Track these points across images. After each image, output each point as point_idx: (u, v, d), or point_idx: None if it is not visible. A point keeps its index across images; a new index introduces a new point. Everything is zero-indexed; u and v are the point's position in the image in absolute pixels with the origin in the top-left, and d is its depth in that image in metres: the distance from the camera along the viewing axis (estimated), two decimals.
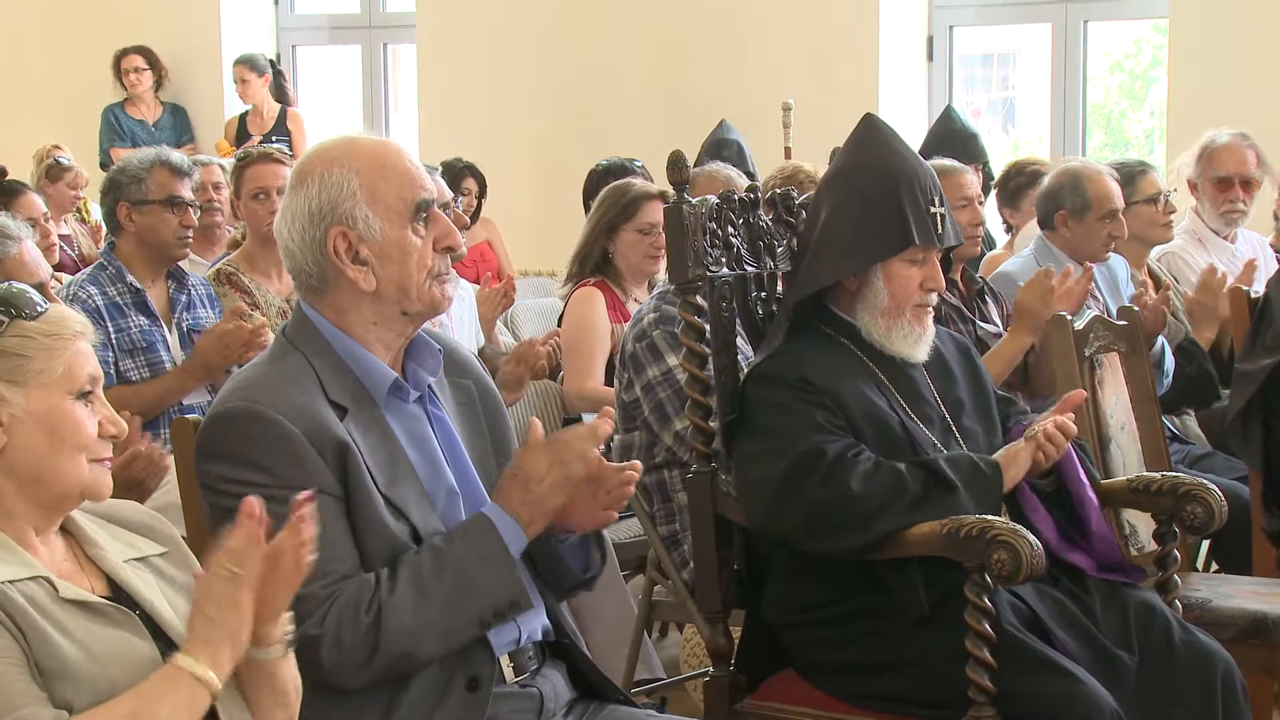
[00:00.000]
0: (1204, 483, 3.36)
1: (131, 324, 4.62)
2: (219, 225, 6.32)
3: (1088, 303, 4.86)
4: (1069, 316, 4.15)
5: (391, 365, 2.71)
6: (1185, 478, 3.42)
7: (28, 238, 4.31)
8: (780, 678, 3.34)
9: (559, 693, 2.78)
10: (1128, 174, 5.40)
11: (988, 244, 6.11)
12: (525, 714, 2.72)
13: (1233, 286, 4.83)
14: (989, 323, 4.85)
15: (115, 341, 4.55)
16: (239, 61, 9.72)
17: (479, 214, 7.84)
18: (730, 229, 3.38)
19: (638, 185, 5.38)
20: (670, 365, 4.24)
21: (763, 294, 3.52)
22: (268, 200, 5.06)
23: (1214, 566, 4.91)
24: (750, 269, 3.45)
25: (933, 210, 3.30)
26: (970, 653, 2.99)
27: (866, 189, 3.30)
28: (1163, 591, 3.41)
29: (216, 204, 6.22)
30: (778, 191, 3.54)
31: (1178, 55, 7.78)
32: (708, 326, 3.38)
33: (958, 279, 4.81)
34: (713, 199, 3.38)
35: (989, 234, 6.03)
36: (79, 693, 2.14)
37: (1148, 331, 4.65)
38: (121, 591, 2.31)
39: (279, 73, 9.93)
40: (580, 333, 5.12)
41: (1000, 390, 3.62)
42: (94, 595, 2.27)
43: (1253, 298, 4.61)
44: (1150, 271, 5.51)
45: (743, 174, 5.44)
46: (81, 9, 10.26)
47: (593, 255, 5.25)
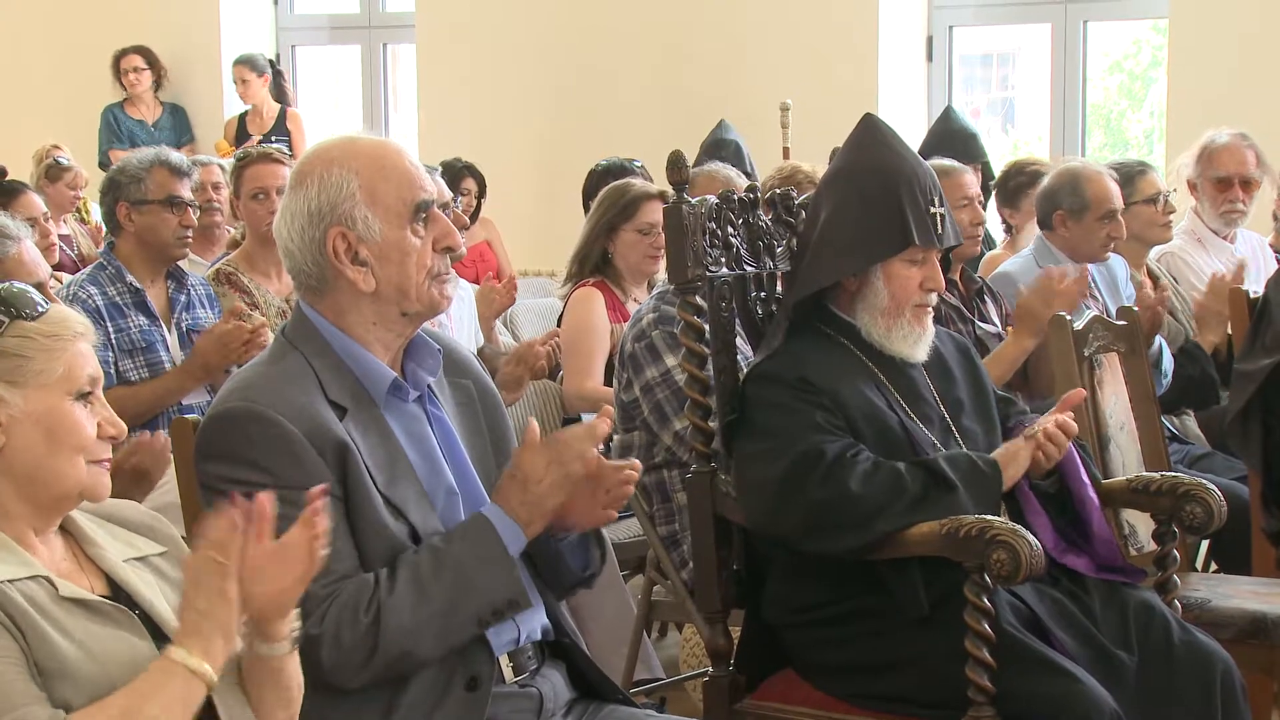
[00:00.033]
0: (1203, 483, 3.36)
1: (131, 324, 4.61)
2: (218, 225, 6.33)
3: (1087, 303, 4.86)
4: (1067, 316, 4.15)
5: (391, 365, 2.71)
6: (1184, 478, 3.42)
7: (27, 237, 4.31)
8: (780, 678, 3.34)
9: (558, 692, 2.78)
10: (1127, 174, 5.40)
11: (986, 244, 6.11)
12: (524, 714, 2.72)
13: (1232, 287, 4.84)
14: (988, 323, 4.85)
15: (115, 342, 4.55)
16: (239, 61, 9.72)
17: (478, 214, 7.84)
18: (730, 229, 3.38)
19: (637, 185, 5.37)
20: (669, 365, 4.24)
21: (762, 294, 3.52)
22: (267, 200, 5.06)
23: (1213, 566, 4.91)
24: (750, 269, 3.45)
25: (932, 210, 3.30)
26: (970, 653, 2.99)
27: (866, 189, 3.30)
28: (1162, 591, 3.41)
29: (216, 204, 6.22)
30: (777, 192, 3.54)
31: (1177, 55, 7.78)
32: (707, 326, 3.38)
33: (957, 279, 4.82)
34: (712, 199, 3.38)
35: (988, 234, 6.03)
36: (78, 692, 2.14)
37: (1145, 332, 4.65)
38: (121, 591, 2.31)
39: (278, 73, 9.93)
40: (580, 333, 5.12)
41: (1000, 390, 3.62)
42: (93, 594, 2.27)
43: (1252, 298, 4.61)
44: (1149, 272, 5.51)
45: (741, 174, 5.43)
46: (81, 9, 10.26)
47: (592, 255, 5.25)
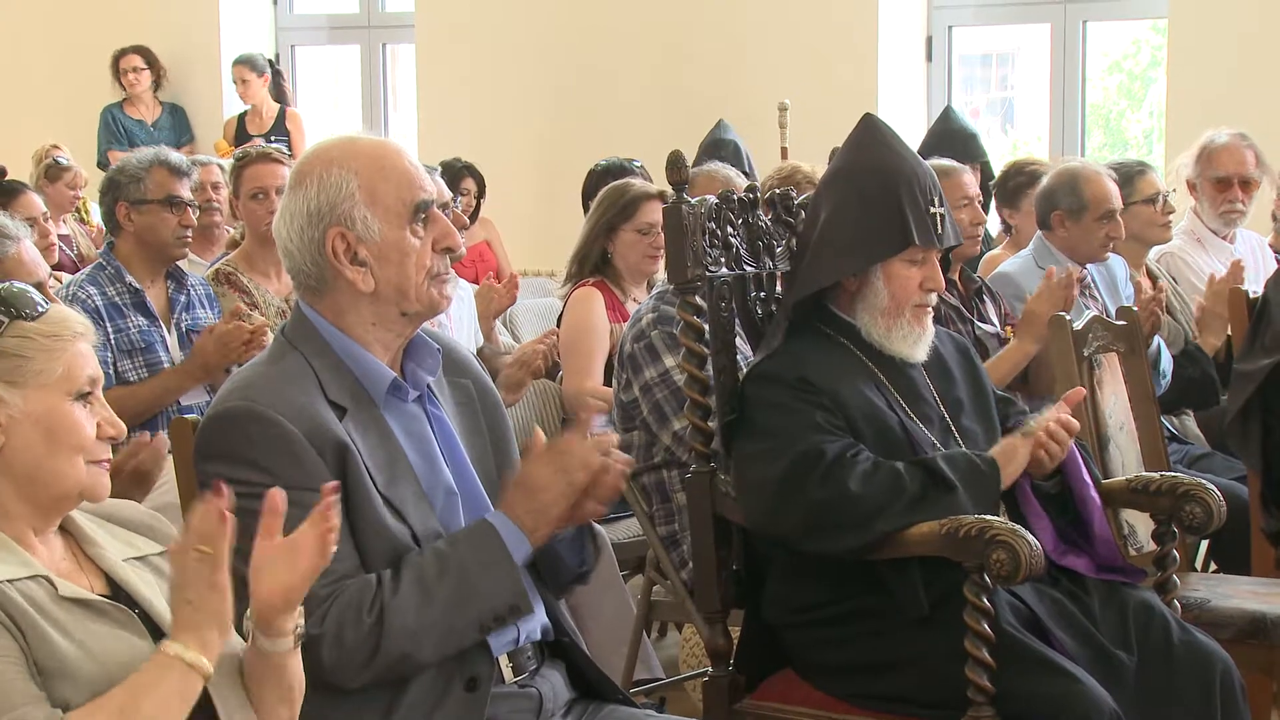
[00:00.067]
0: (1203, 483, 3.36)
1: (130, 324, 4.61)
2: (218, 225, 6.32)
3: (1086, 303, 4.86)
4: (1067, 316, 4.16)
5: (390, 365, 2.71)
6: (1184, 478, 3.42)
7: (26, 237, 4.31)
8: (779, 678, 3.34)
9: (558, 693, 2.78)
10: (1126, 174, 5.40)
11: (985, 244, 6.11)
12: (524, 714, 2.72)
13: (1232, 288, 4.84)
14: (987, 323, 4.85)
15: (114, 342, 4.55)
16: (239, 61, 9.71)
17: (478, 214, 7.84)
18: (729, 229, 3.38)
19: (636, 185, 5.37)
20: (668, 366, 4.24)
21: (762, 294, 3.52)
22: (266, 200, 5.06)
23: (1213, 566, 4.91)
24: (749, 269, 3.45)
25: (932, 210, 3.30)
26: (969, 653, 2.99)
27: (866, 189, 3.30)
28: (1161, 591, 3.41)
29: (215, 204, 6.22)
30: (776, 192, 3.54)
31: (1177, 55, 7.78)
32: (706, 326, 3.38)
33: (956, 279, 4.82)
34: (712, 199, 3.38)
35: (986, 233, 6.03)
36: (78, 691, 2.15)
37: (1144, 331, 4.65)
38: (121, 590, 2.31)
39: (278, 73, 9.93)
40: (579, 333, 5.12)
41: (1000, 390, 3.62)
42: (93, 594, 2.27)
43: (1251, 298, 4.61)
44: (1149, 272, 5.51)
45: (740, 174, 5.43)
46: (81, 9, 10.26)
47: (592, 255, 5.24)
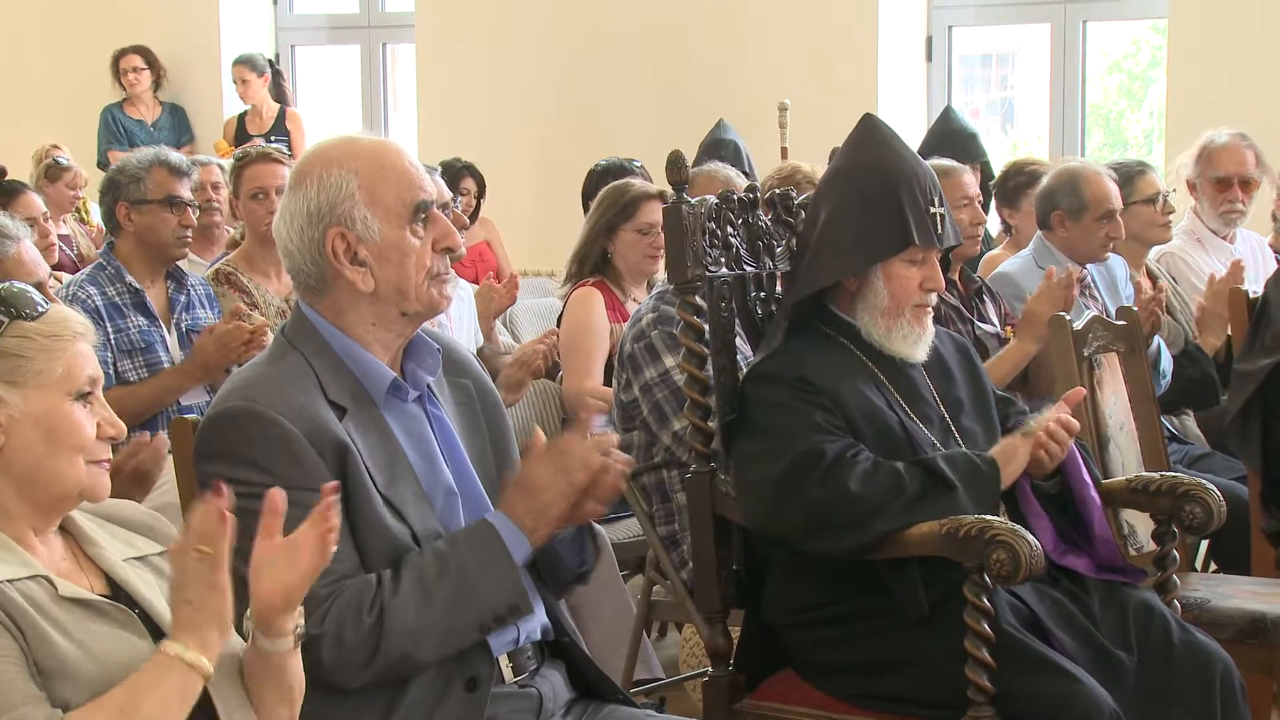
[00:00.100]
0: (1203, 483, 3.36)
1: (130, 324, 4.61)
2: (218, 225, 6.32)
3: (1086, 303, 4.86)
4: (1067, 316, 4.16)
5: (390, 365, 2.71)
6: (1184, 478, 3.42)
7: (26, 237, 4.31)
8: (779, 678, 3.34)
9: (558, 693, 2.78)
10: (1126, 174, 5.40)
11: (985, 244, 6.11)
12: (524, 714, 2.72)
13: (1232, 288, 4.84)
14: (987, 323, 4.85)
15: (114, 342, 4.55)
16: (239, 61, 9.71)
17: (478, 214, 7.84)
18: (729, 229, 3.38)
19: (636, 185, 5.37)
20: (668, 366, 4.24)
21: (762, 294, 3.52)
22: (266, 200, 5.06)
23: (1213, 566, 4.91)
24: (749, 269, 3.45)
25: (932, 210, 3.30)
26: (969, 653, 2.99)
27: (866, 189, 3.30)
28: (1161, 591, 3.41)
29: (215, 204, 6.22)
30: (776, 192, 3.54)
31: (1177, 55, 7.78)
32: (706, 326, 3.38)
33: (956, 279, 4.82)
34: (712, 199, 3.38)
35: (986, 233, 6.03)
36: (78, 691, 2.15)
37: (1145, 332, 4.66)
38: (121, 590, 2.31)
39: (278, 73, 9.93)
40: (579, 333, 5.12)
41: (1000, 391, 3.62)
42: (93, 594, 2.27)
43: (1251, 298, 4.61)
44: (1149, 272, 5.51)
45: (740, 174, 5.43)
46: (81, 9, 10.25)
47: (592, 255, 5.24)
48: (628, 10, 8.83)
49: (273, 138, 9.17)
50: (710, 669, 3.43)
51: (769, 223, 3.47)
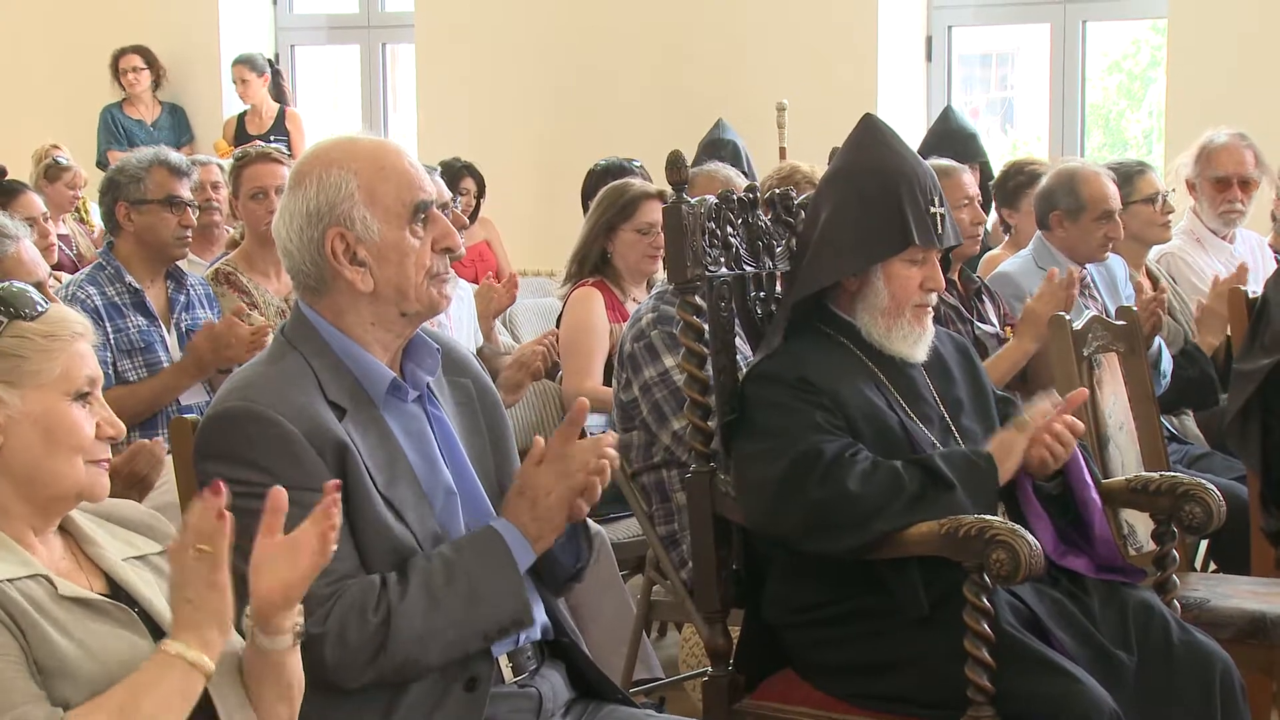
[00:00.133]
0: (1202, 483, 3.36)
1: (130, 324, 4.61)
2: (217, 225, 6.32)
3: (1086, 303, 4.86)
4: (1066, 316, 4.16)
5: (390, 365, 2.71)
6: (1184, 477, 3.41)
7: (25, 237, 4.31)
8: (779, 677, 3.34)
9: (557, 692, 2.78)
10: (1125, 174, 5.40)
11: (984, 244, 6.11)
12: (524, 714, 2.72)
13: (1231, 288, 4.83)
14: (987, 323, 4.85)
15: (114, 342, 4.55)
16: (239, 61, 9.71)
17: (478, 214, 7.84)
18: (729, 229, 3.38)
19: (636, 185, 5.37)
20: (667, 366, 4.24)
21: (761, 294, 3.52)
22: (266, 200, 5.06)
23: (1212, 566, 4.91)
24: (749, 269, 3.44)
25: (933, 210, 3.30)
26: (969, 653, 2.98)
27: (866, 189, 3.30)
28: (1161, 591, 3.41)
29: (215, 203, 6.22)
30: (776, 192, 3.54)
31: (1176, 55, 7.78)
32: (706, 326, 3.38)
33: (956, 279, 4.82)
34: (711, 199, 3.38)
35: (985, 233, 6.02)
36: (78, 691, 2.14)
37: (1145, 332, 4.65)
38: (120, 590, 2.31)
39: (277, 72, 9.92)
40: (579, 332, 5.12)
41: (999, 390, 3.62)
42: (93, 593, 2.27)
43: (1251, 298, 4.61)
44: (1149, 272, 5.51)
45: (740, 174, 5.43)
46: (80, 9, 10.25)
47: (591, 255, 5.24)
48: (628, 10, 8.83)
49: (272, 138, 9.16)
50: (710, 669, 3.43)
51: (769, 223, 3.47)
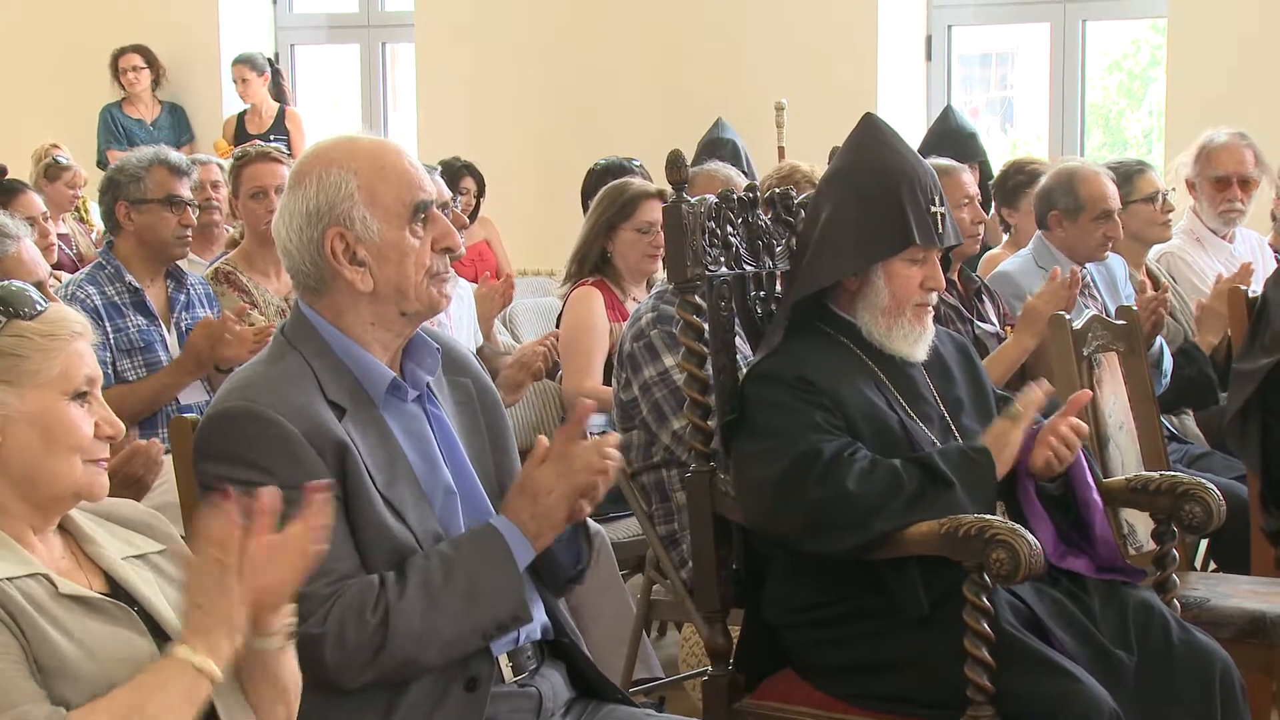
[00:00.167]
0: (1202, 482, 3.36)
1: (130, 324, 4.61)
2: (217, 224, 6.32)
3: (1086, 302, 4.86)
4: (1066, 316, 4.16)
5: (390, 365, 2.71)
6: (1184, 477, 3.41)
7: (26, 236, 4.31)
8: (779, 677, 3.34)
9: (557, 692, 2.78)
10: (1125, 173, 5.40)
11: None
12: (524, 714, 2.72)
13: (1231, 287, 4.83)
14: (987, 322, 4.85)
15: (113, 341, 4.55)
16: (239, 61, 9.71)
17: (477, 213, 7.84)
18: (729, 228, 3.38)
19: (636, 184, 5.37)
20: (667, 365, 4.24)
21: (761, 293, 3.52)
22: (266, 199, 5.06)
23: (1212, 566, 4.91)
24: (749, 268, 3.44)
25: (933, 210, 3.30)
26: (969, 652, 2.98)
27: (866, 189, 3.30)
28: (1161, 591, 3.41)
29: (215, 203, 6.22)
30: (776, 191, 3.54)
31: (1176, 55, 7.78)
32: (706, 326, 3.38)
33: (956, 279, 4.82)
34: (711, 198, 3.38)
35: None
36: (77, 691, 2.14)
37: (1146, 332, 4.65)
38: (120, 589, 2.31)
39: (277, 72, 9.92)
40: (579, 332, 5.12)
41: (999, 389, 3.62)
42: (92, 591, 2.27)
43: (1251, 298, 4.61)
44: (1149, 272, 5.51)
45: (740, 173, 5.43)
46: (81, 9, 10.25)
47: (591, 255, 5.24)
48: (628, 10, 8.82)
49: (272, 137, 9.16)
50: (710, 668, 3.43)
51: (769, 222, 3.47)
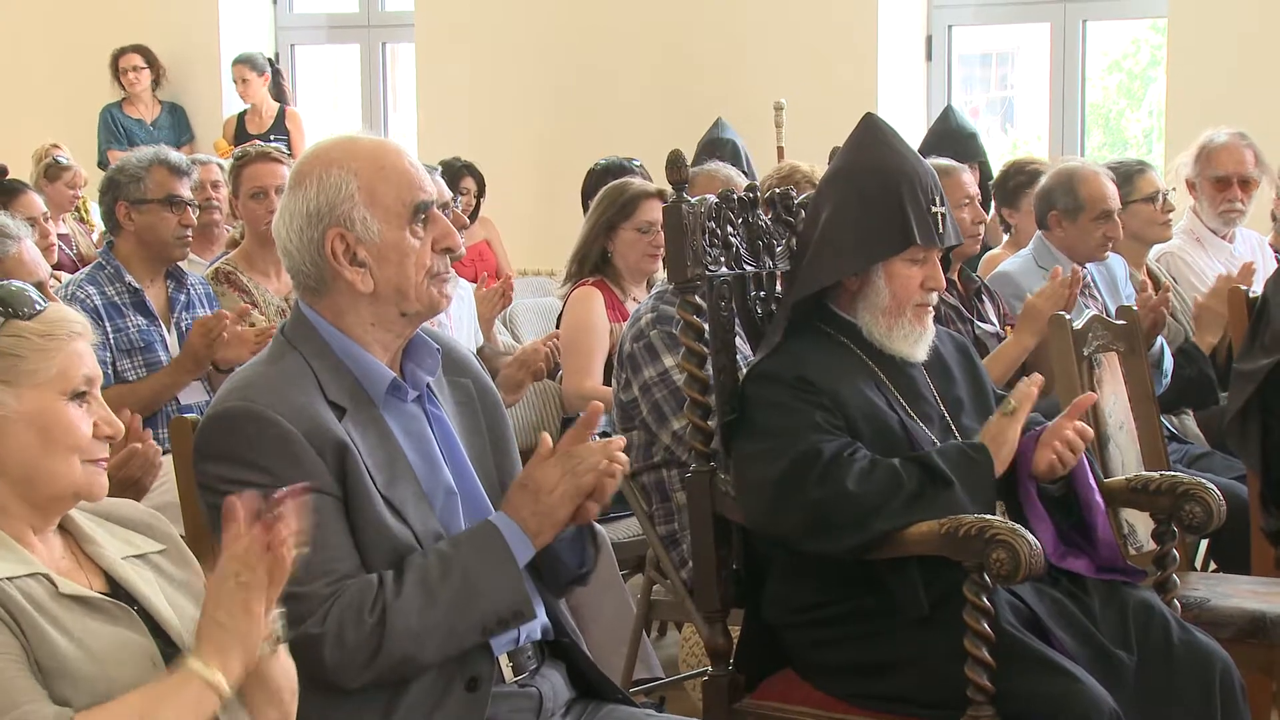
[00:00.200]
0: (1202, 482, 3.36)
1: (129, 324, 4.62)
2: (217, 224, 6.32)
3: (1086, 302, 4.86)
4: (1066, 315, 4.16)
5: (390, 365, 2.71)
6: (1184, 477, 3.41)
7: (27, 237, 4.31)
8: (779, 677, 3.34)
9: (558, 692, 2.78)
10: (1125, 173, 5.41)
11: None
12: (524, 714, 2.72)
13: (1231, 287, 4.83)
14: (987, 322, 4.85)
15: (113, 341, 4.55)
16: (239, 60, 9.71)
17: (478, 213, 7.84)
18: (729, 228, 3.38)
19: (636, 184, 5.37)
20: (667, 365, 4.24)
21: (761, 293, 3.52)
22: (266, 199, 5.06)
23: (1212, 566, 4.91)
24: (749, 268, 3.44)
25: (933, 210, 3.30)
26: (969, 652, 2.98)
27: (867, 189, 3.30)
28: (1161, 591, 3.41)
29: (215, 203, 6.22)
30: (776, 191, 3.54)
31: (1176, 55, 7.78)
32: (706, 326, 3.38)
33: (956, 279, 4.82)
34: (711, 198, 3.38)
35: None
36: (77, 692, 2.14)
37: (1148, 332, 4.65)
38: (120, 589, 2.31)
39: (277, 72, 9.92)
40: (579, 332, 5.12)
41: (999, 389, 3.62)
42: (93, 591, 2.27)
43: (1251, 298, 4.61)
44: (1149, 272, 5.51)
45: (740, 173, 5.43)
46: (81, 9, 10.25)
47: (591, 255, 5.24)
48: (628, 10, 8.82)
49: (272, 137, 9.16)
50: (710, 668, 3.43)
51: (769, 222, 3.47)
